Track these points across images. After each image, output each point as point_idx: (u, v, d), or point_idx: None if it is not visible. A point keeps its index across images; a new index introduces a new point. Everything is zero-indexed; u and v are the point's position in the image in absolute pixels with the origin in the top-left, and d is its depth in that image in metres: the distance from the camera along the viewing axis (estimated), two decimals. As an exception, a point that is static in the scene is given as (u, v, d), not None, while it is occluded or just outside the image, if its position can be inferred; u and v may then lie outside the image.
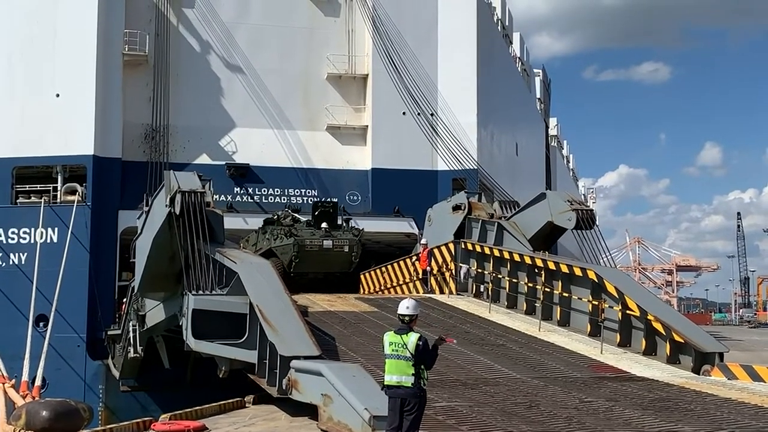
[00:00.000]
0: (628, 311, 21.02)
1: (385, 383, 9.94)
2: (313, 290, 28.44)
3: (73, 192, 32.95)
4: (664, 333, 19.91)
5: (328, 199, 32.67)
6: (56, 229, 32.45)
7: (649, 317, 20.34)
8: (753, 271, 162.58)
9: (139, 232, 22.98)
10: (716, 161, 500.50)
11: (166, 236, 19.55)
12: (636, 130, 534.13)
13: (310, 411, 14.48)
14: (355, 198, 36.00)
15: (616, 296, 21.40)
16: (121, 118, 34.45)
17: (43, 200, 32.73)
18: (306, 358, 15.35)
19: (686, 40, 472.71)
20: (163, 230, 19.60)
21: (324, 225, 29.80)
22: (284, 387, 15.23)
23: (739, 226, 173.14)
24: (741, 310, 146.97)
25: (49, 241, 32.28)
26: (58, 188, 33.45)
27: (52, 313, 28.26)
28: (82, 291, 31.68)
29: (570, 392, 15.82)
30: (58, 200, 33.22)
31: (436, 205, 32.02)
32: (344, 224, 31.19)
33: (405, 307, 10.14)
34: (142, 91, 35.23)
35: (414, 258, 30.61)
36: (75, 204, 32.21)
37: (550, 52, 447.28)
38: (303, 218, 31.19)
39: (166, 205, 19.04)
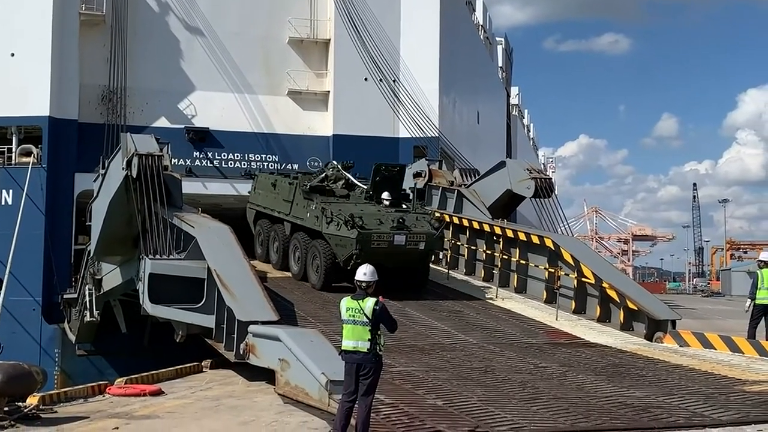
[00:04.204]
0: (583, 279, 21.33)
1: (342, 348, 10.00)
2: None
3: (28, 154, 32.31)
4: (618, 300, 20.25)
5: (391, 164, 25.13)
6: (11, 191, 31.82)
7: (603, 285, 20.66)
8: (707, 241, 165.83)
9: (95, 195, 22.72)
10: (673, 132, 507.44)
11: (122, 200, 19.35)
12: (596, 101, 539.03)
13: (267, 376, 14.53)
14: (316, 164, 35.73)
15: (572, 264, 21.68)
16: (77, 79, 33.68)
17: (-4, 162, 32.16)
18: (264, 323, 15.37)
19: (647, 14, 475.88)
20: (119, 194, 19.40)
21: (385, 195, 23.31)
22: (241, 352, 15.24)
23: (694, 196, 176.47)
24: (695, 280, 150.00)
25: (3, 203, 31.70)
26: (13, 149, 32.81)
27: (6, 276, 27.93)
28: (38, 254, 31.16)
29: (525, 358, 16.05)
30: (13, 162, 32.59)
31: (397, 172, 31.89)
32: (413, 197, 24.64)
33: (363, 273, 10.17)
34: (99, 52, 34.43)
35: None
36: (30, 166, 31.62)
37: (512, 22, 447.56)
38: (360, 183, 24.94)
39: (123, 168, 18.82)
